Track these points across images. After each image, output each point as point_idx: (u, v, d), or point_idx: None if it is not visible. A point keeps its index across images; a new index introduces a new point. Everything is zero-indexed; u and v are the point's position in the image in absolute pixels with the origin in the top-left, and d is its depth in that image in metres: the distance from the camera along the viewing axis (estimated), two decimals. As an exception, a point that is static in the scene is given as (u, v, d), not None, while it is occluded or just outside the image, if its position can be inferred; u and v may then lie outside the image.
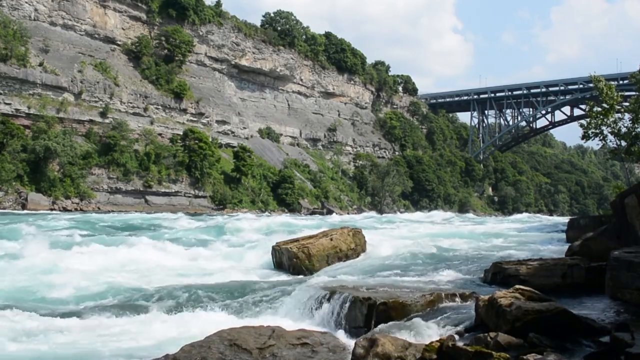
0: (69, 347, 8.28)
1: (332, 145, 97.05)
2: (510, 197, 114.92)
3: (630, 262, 7.66)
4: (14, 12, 60.18)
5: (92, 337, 8.95)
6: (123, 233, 26.46)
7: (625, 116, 25.64)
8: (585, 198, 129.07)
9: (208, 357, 7.15)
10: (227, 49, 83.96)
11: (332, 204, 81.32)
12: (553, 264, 10.93)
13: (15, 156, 51.62)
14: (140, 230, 29.47)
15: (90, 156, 58.37)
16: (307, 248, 15.30)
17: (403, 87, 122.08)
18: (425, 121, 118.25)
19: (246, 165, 71.85)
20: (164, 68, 72.63)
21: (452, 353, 6.09)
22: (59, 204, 52.70)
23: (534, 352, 6.08)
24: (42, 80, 57.97)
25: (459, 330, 7.94)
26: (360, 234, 17.60)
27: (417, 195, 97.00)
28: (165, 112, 71.22)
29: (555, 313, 7.10)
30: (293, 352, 7.48)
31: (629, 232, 10.91)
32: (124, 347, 8.28)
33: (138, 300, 11.53)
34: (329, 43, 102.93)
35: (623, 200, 11.20)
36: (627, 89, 61.15)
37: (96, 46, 68.37)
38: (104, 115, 63.04)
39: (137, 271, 15.19)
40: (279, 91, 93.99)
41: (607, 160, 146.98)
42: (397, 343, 6.81)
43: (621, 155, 26.10)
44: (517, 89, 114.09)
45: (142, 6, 74.00)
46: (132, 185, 61.29)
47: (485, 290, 9.91)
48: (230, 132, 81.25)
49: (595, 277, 9.94)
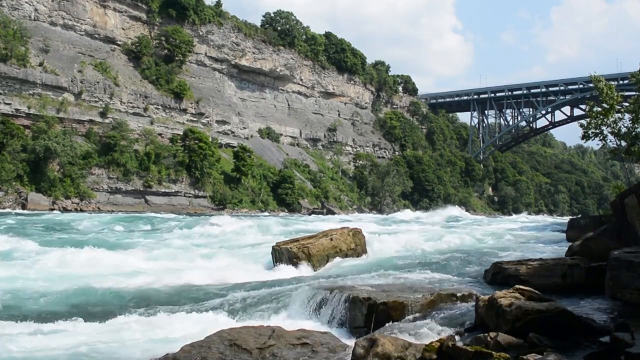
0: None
1: (332, 145, 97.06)
2: (510, 197, 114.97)
3: (630, 262, 7.65)
4: (14, 12, 60.20)
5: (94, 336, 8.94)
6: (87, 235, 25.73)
7: (625, 116, 25.65)
8: (585, 198, 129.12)
9: (208, 357, 7.15)
10: (227, 49, 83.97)
11: (332, 204, 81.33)
12: (553, 264, 10.93)
13: (15, 156, 51.63)
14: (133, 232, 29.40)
15: (90, 156, 58.38)
16: (307, 248, 15.30)
17: (403, 87, 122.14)
18: (425, 121, 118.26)
19: (246, 165, 71.87)
20: (164, 68, 72.65)
21: (452, 353, 6.09)
22: (59, 204, 52.71)
23: (534, 352, 6.08)
24: (42, 80, 57.98)
25: (459, 330, 7.94)
26: (360, 234, 17.60)
27: (417, 195, 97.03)
28: (165, 112, 71.24)
29: (555, 313, 7.10)
30: (293, 352, 7.48)
31: (629, 232, 10.91)
32: (122, 347, 8.27)
33: (138, 300, 11.52)
34: (329, 43, 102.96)
35: (623, 200, 11.19)
36: (627, 89, 61.11)
37: (96, 46, 68.38)
38: (104, 115, 63.05)
39: (137, 271, 15.17)
40: (279, 91, 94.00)
41: (607, 160, 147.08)
42: (397, 343, 6.81)
43: (621, 155, 26.12)
44: (517, 89, 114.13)
45: (142, 6, 74.02)
46: (132, 185, 61.30)
47: (485, 290, 9.91)
48: (230, 132, 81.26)
49: (595, 277, 9.93)
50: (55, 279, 13.27)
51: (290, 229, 30.69)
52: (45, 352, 7.93)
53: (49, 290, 12.01)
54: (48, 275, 13.68)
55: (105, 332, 9.17)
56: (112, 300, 11.63)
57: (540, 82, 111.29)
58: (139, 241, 22.66)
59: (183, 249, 19.76)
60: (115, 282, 13.11)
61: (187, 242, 22.24)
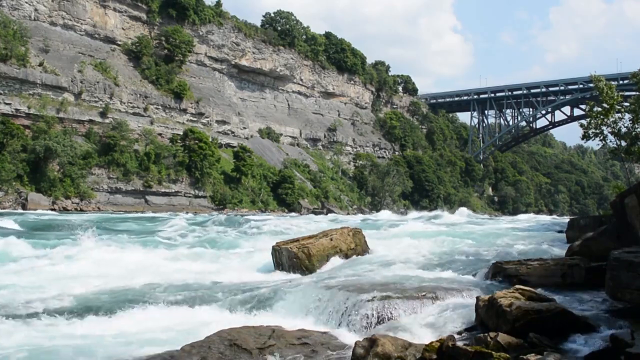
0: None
1: (332, 145, 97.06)
2: (510, 197, 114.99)
3: (630, 262, 7.65)
4: (14, 12, 60.21)
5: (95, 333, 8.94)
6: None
7: (625, 116, 25.68)
8: (585, 198, 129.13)
9: (208, 357, 7.15)
10: (227, 49, 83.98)
11: (332, 204, 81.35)
12: (553, 264, 10.93)
13: (15, 156, 51.63)
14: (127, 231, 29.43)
15: (90, 156, 58.38)
16: (307, 248, 15.28)
17: (403, 87, 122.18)
18: (425, 121, 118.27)
19: (246, 165, 71.87)
20: (164, 68, 72.65)
21: (452, 353, 6.09)
22: (59, 204, 52.73)
23: (534, 352, 6.08)
24: (42, 80, 57.99)
25: (459, 330, 7.95)
26: (361, 233, 17.57)
27: (417, 196, 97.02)
28: (165, 112, 71.25)
29: (555, 313, 7.11)
30: (293, 352, 7.48)
31: (629, 232, 10.90)
32: (120, 346, 8.27)
33: (137, 300, 11.51)
34: (329, 43, 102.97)
35: (623, 200, 11.18)
36: (627, 89, 61.16)
37: (96, 46, 68.39)
38: (104, 115, 63.06)
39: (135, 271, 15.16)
40: (279, 91, 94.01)
41: (607, 160, 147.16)
42: (397, 343, 6.81)
43: (621, 155, 26.14)
44: (517, 89, 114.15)
45: (142, 6, 74.03)
46: (132, 185, 61.31)
47: (485, 290, 9.91)
48: (230, 132, 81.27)
49: (595, 277, 9.93)
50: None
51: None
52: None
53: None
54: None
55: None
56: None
57: (540, 82, 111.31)
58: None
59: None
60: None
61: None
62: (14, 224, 28.81)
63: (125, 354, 7.87)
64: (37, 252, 17.97)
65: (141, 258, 17.43)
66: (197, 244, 22.12)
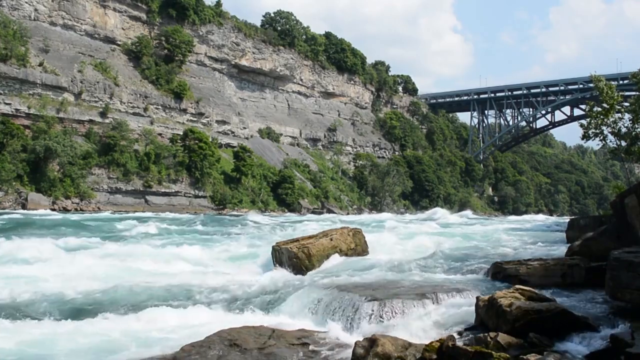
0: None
1: (332, 145, 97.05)
2: (510, 197, 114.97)
3: (630, 262, 7.65)
4: (14, 12, 60.19)
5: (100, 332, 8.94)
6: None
7: (625, 116, 25.69)
8: (585, 198, 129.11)
9: (208, 357, 7.15)
10: (227, 49, 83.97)
11: (332, 204, 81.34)
12: (553, 264, 10.94)
13: (15, 156, 51.62)
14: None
15: (90, 156, 58.36)
16: (307, 248, 15.28)
17: (403, 87, 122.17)
18: (425, 121, 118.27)
19: (246, 165, 71.87)
20: (164, 68, 72.65)
21: (452, 353, 6.09)
22: (59, 204, 52.71)
23: (534, 352, 6.09)
24: (42, 80, 57.98)
25: (459, 330, 7.95)
26: (361, 234, 17.57)
27: (417, 196, 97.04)
28: (165, 112, 71.24)
29: (555, 313, 7.11)
30: (293, 352, 7.48)
31: (629, 232, 10.90)
32: (121, 347, 8.27)
33: (137, 301, 11.51)
34: (329, 43, 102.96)
35: (623, 200, 11.19)
36: (627, 89, 61.14)
37: (96, 46, 68.38)
38: (104, 115, 63.05)
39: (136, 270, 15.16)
40: (279, 91, 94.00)
41: (607, 160, 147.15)
42: (397, 343, 6.82)
43: (621, 155, 26.15)
44: (517, 89, 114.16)
45: (142, 6, 74.01)
46: (132, 185, 61.29)
47: (485, 291, 9.91)
48: (230, 132, 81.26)
49: (595, 277, 9.93)
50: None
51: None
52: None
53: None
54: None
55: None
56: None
57: (540, 82, 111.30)
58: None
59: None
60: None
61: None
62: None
63: (126, 354, 7.88)
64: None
65: (141, 258, 17.42)
66: (197, 243, 22.12)
